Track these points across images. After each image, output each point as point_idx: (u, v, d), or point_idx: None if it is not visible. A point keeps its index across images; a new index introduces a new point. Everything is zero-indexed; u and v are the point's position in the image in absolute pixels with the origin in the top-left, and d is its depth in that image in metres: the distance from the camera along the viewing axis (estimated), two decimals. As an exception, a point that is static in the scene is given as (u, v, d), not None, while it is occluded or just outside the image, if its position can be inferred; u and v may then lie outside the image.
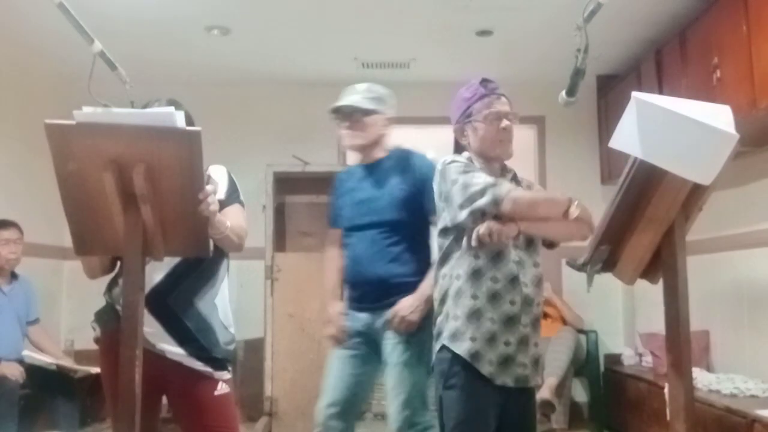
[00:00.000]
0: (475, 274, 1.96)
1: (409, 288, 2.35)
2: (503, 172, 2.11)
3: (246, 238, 2.01)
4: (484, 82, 2.08)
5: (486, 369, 1.93)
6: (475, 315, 1.95)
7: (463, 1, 3.73)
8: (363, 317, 2.41)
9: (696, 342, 3.72)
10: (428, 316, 2.29)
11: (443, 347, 1.99)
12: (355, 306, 2.45)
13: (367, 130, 2.46)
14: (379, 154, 2.51)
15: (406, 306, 2.30)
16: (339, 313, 2.46)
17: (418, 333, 2.30)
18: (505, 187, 1.90)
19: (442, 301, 2.03)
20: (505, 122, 2.01)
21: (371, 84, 2.53)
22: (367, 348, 2.41)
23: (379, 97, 2.50)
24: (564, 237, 2.03)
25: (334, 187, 2.65)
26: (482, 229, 1.87)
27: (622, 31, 4.13)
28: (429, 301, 2.27)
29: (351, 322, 2.44)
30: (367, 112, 2.45)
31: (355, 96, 2.47)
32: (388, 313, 2.32)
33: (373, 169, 2.50)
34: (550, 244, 2.11)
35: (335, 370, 2.43)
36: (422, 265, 2.41)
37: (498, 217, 1.89)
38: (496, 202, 1.87)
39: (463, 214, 1.93)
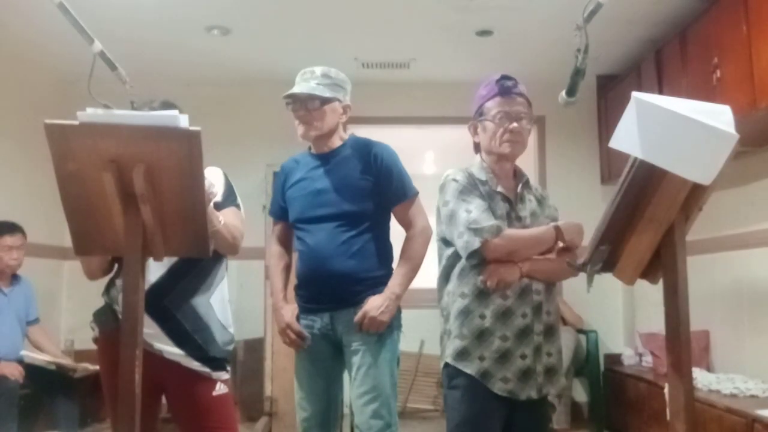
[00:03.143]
0: (483, 293, 1.95)
1: (373, 283, 2.21)
2: (516, 176, 2.10)
3: (242, 240, 2.00)
4: (502, 80, 2.03)
5: (499, 387, 1.92)
6: (483, 335, 1.93)
7: (463, 1, 3.73)
8: (321, 318, 2.24)
9: (696, 342, 3.73)
10: (397, 316, 2.25)
11: (447, 365, 1.99)
12: (313, 307, 2.26)
13: (325, 119, 2.26)
14: (335, 143, 2.32)
15: (376, 306, 2.15)
16: (294, 317, 2.26)
17: (386, 333, 2.21)
18: (485, 232, 1.89)
19: (446, 319, 2.03)
20: (514, 123, 2.00)
21: (328, 68, 2.30)
22: (329, 351, 2.26)
23: (337, 83, 2.29)
24: (561, 278, 2.09)
25: (278, 177, 2.45)
26: (485, 277, 1.92)
27: (622, 31, 4.13)
28: (399, 299, 2.21)
29: (308, 325, 2.26)
30: (326, 100, 2.25)
31: (311, 82, 2.25)
32: (357, 315, 2.16)
33: (328, 159, 2.30)
34: None
35: (304, 382, 2.28)
36: (386, 258, 2.30)
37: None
38: (473, 255, 1.91)
39: (452, 246, 2.00)
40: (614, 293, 4.92)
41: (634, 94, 1.33)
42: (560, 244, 1.97)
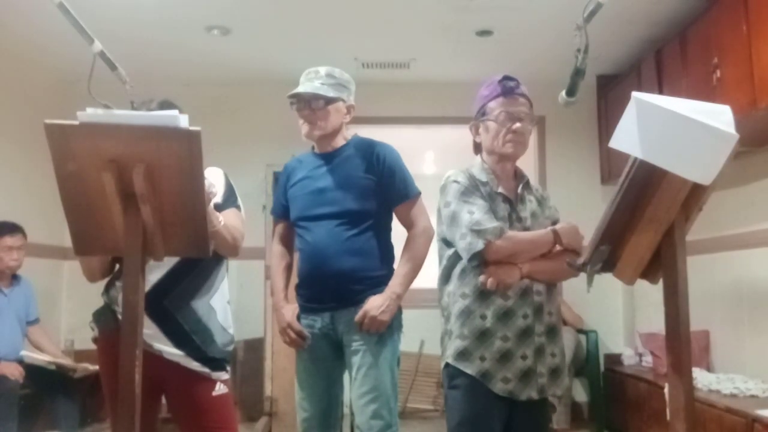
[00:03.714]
0: (484, 293, 1.94)
1: (374, 282, 2.21)
2: (517, 176, 2.10)
3: (242, 241, 2.00)
4: (504, 80, 2.04)
5: (499, 387, 1.91)
6: (484, 335, 1.93)
7: (463, 1, 3.73)
8: (322, 318, 2.24)
9: (696, 342, 3.73)
10: (397, 316, 2.25)
11: (448, 365, 1.99)
12: (314, 306, 2.25)
13: (329, 118, 2.27)
14: (338, 142, 2.33)
15: (377, 305, 2.15)
16: (295, 317, 2.26)
17: (387, 333, 2.20)
18: (488, 233, 1.89)
19: (447, 319, 2.02)
20: (517, 124, 2.00)
21: (332, 68, 2.32)
22: (329, 350, 2.26)
23: (341, 83, 2.30)
24: (561, 279, 2.08)
25: (281, 176, 2.45)
26: (484, 279, 1.92)
27: (622, 31, 4.13)
28: (399, 299, 2.21)
29: (309, 324, 2.26)
30: (330, 100, 2.26)
31: (316, 82, 2.26)
32: (357, 314, 2.16)
33: (331, 158, 2.31)
34: None
35: (304, 382, 2.28)
36: (387, 257, 2.30)
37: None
38: (475, 257, 1.91)
39: (453, 247, 1.99)
40: (614, 293, 4.92)
41: (634, 94, 1.33)
42: (558, 248, 1.97)
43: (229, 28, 4.12)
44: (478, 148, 2.14)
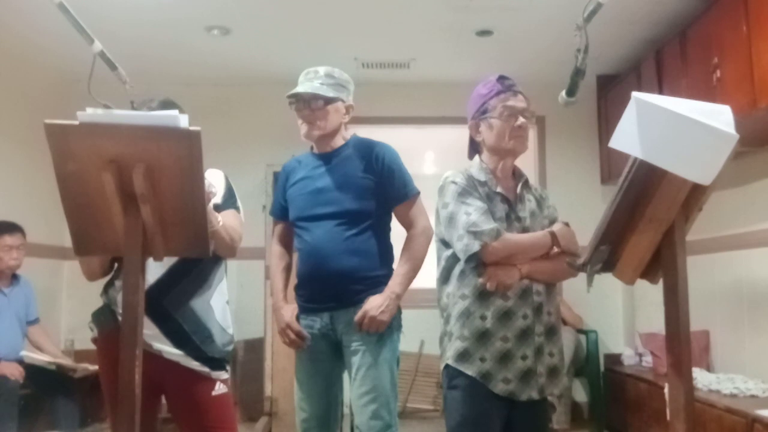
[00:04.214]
0: (483, 294, 1.94)
1: (373, 282, 2.21)
2: (515, 176, 2.10)
3: (240, 242, 2.01)
4: (501, 78, 2.05)
5: (500, 388, 1.92)
6: (484, 336, 1.93)
7: (463, 1, 3.73)
8: (321, 318, 2.23)
9: (696, 342, 3.73)
10: (397, 316, 2.25)
11: (448, 366, 1.98)
12: (313, 307, 2.25)
13: (328, 118, 2.27)
14: (337, 142, 2.33)
15: (376, 305, 2.15)
16: (294, 317, 2.26)
17: (386, 333, 2.20)
18: (484, 235, 1.89)
19: (446, 320, 2.02)
20: (520, 119, 2.00)
21: (331, 68, 2.32)
22: (329, 351, 2.25)
23: (340, 83, 2.30)
24: (560, 279, 2.08)
25: (280, 177, 2.45)
26: (484, 280, 1.92)
27: (622, 31, 4.13)
28: (399, 299, 2.21)
29: (308, 325, 2.26)
30: (329, 100, 2.26)
31: (315, 82, 2.26)
32: (357, 314, 2.16)
33: (330, 158, 2.31)
34: None
35: (304, 383, 2.28)
36: (386, 257, 2.30)
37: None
38: (472, 258, 1.91)
39: (452, 248, 1.99)
40: (614, 293, 4.92)
41: (634, 94, 1.33)
42: (556, 249, 1.97)
43: (229, 28, 4.12)
44: (474, 149, 2.14)
